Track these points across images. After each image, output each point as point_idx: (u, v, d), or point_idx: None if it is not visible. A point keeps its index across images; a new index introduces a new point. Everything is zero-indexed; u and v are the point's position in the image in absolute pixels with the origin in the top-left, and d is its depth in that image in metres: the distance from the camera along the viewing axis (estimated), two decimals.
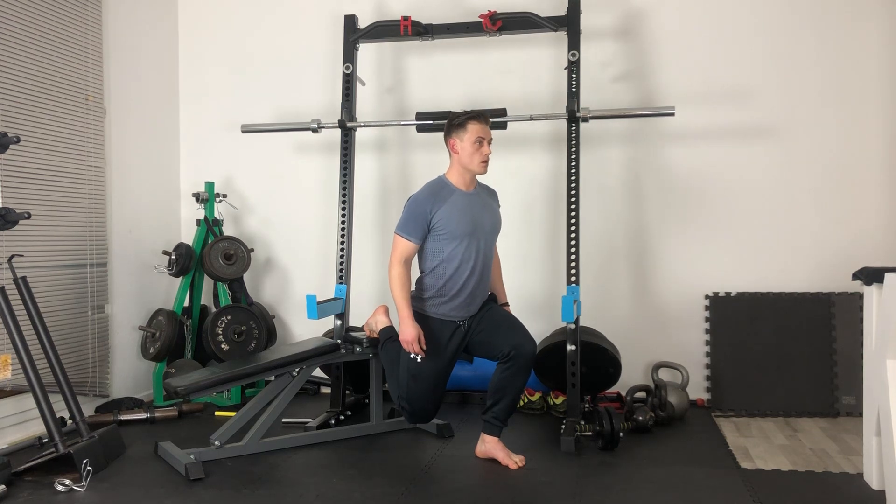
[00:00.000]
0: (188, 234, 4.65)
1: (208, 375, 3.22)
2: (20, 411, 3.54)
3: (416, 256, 3.20)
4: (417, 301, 3.19)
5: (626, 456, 3.19)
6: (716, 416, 3.91)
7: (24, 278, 3.15)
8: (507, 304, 3.44)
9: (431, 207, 3.10)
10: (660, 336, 4.21)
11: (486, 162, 3.14)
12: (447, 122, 3.19)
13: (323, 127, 4.12)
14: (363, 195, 4.53)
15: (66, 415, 3.19)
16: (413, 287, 3.24)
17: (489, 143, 3.16)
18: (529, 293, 4.18)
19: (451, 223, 3.10)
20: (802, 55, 4.09)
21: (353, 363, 3.93)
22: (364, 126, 4.23)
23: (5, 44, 3.47)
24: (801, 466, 3.05)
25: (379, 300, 4.34)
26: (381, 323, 3.46)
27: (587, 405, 3.82)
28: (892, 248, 3.97)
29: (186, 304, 4.44)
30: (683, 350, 4.12)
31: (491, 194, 3.35)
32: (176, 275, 4.36)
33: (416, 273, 3.23)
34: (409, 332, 3.05)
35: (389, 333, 3.38)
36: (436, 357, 3.13)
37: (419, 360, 3.10)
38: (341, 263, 3.96)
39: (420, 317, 3.14)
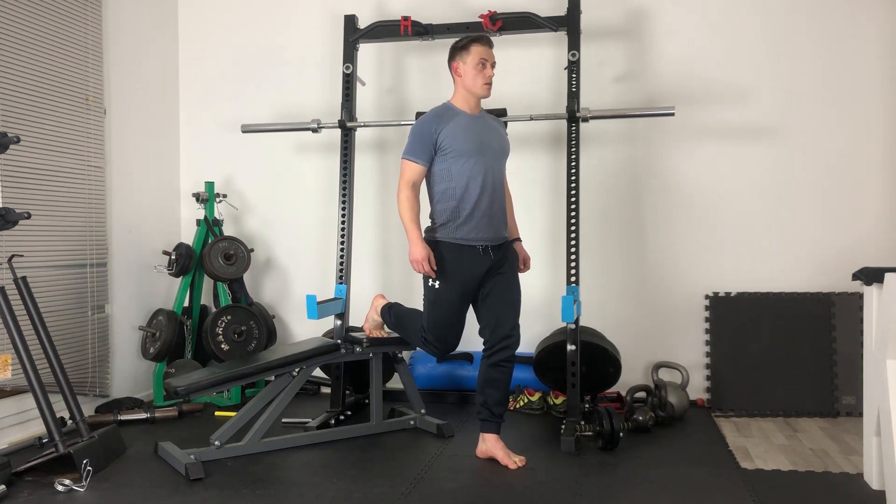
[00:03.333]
0: (188, 234, 4.65)
1: (208, 375, 3.22)
2: (20, 411, 3.54)
3: (426, 184, 3.18)
4: (432, 231, 3.16)
5: (626, 456, 3.19)
6: (716, 416, 3.91)
7: (24, 278, 3.15)
8: (519, 240, 3.42)
9: (436, 127, 3.08)
10: (660, 336, 4.21)
11: (489, 84, 3.14)
12: (451, 47, 3.19)
13: (323, 127, 4.12)
14: (363, 195, 4.53)
15: (66, 415, 3.19)
16: (428, 222, 3.21)
17: (493, 66, 3.16)
18: (529, 293, 4.16)
19: (457, 140, 3.07)
20: (802, 55, 4.09)
21: (353, 363, 3.93)
22: (364, 126, 4.23)
23: (5, 44, 3.47)
24: (801, 466, 3.05)
25: None
26: (380, 306, 3.53)
27: (587, 405, 3.82)
28: (892, 248, 3.97)
29: (186, 304, 4.44)
30: (683, 350, 4.13)
31: (497, 120, 3.33)
32: (176, 275, 4.36)
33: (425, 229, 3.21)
34: (417, 252, 3.04)
35: (391, 304, 3.49)
36: (453, 282, 3.11)
37: (437, 286, 3.11)
38: (341, 263, 3.96)
39: (434, 244, 3.11)
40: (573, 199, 3.68)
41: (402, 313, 3.43)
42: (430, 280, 3.12)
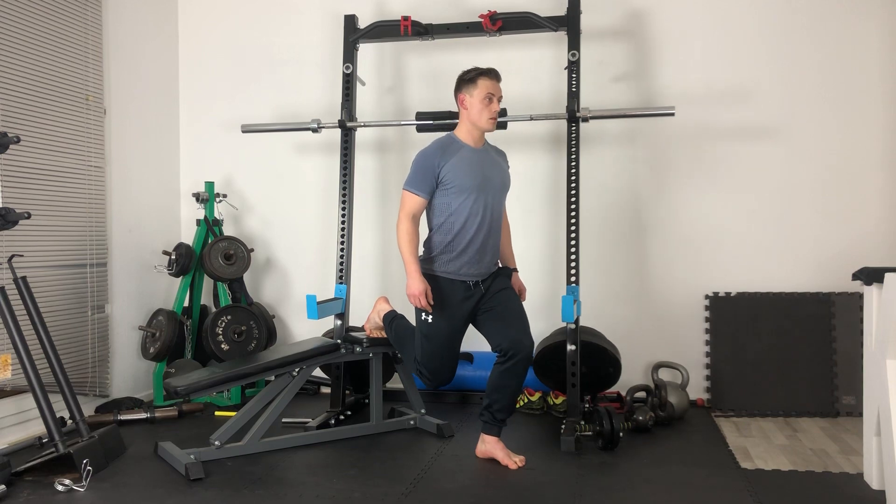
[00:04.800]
0: (188, 234, 4.65)
1: (208, 375, 3.22)
2: (20, 411, 3.54)
3: (425, 215, 3.18)
4: (426, 262, 3.16)
5: (626, 456, 3.20)
6: (716, 416, 3.91)
7: (24, 278, 3.15)
8: (516, 270, 3.41)
9: (439, 161, 3.07)
10: (660, 336, 4.21)
11: (494, 119, 3.13)
12: (458, 78, 3.18)
13: (323, 127, 4.12)
14: (363, 195, 4.53)
15: (66, 415, 3.20)
16: (422, 251, 3.21)
17: (499, 100, 3.15)
18: (529, 293, 4.16)
19: (459, 176, 3.06)
20: (802, 55, 4.09)
21: (353, 363, 3.93)
22: (364, 126, 4.23)
23: (5, 44, 3.47)
24: (801, 466, 3.05)
25: None
26: (383, 310, 3.50)
27: (587, 405, 3.82)
28: (892, 248, 3.97)
29: (186, 304, 4.44)
30: (683, 350, 4.13)
31: (500, 154, 3.32)
32: (176, 275, 4.36)
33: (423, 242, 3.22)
34: (415, 286, 3.03)
35: (394, 314, 3.44)
36: (446, 316, 3.11)
37: (430, 319, 3.10)
38: (341, 263, 3.96)
39: (429, 277, 3.11)
40: (573, 199, 3.68)
41: (402, 331, 3.38)
42: (423, 314, 3.12)
